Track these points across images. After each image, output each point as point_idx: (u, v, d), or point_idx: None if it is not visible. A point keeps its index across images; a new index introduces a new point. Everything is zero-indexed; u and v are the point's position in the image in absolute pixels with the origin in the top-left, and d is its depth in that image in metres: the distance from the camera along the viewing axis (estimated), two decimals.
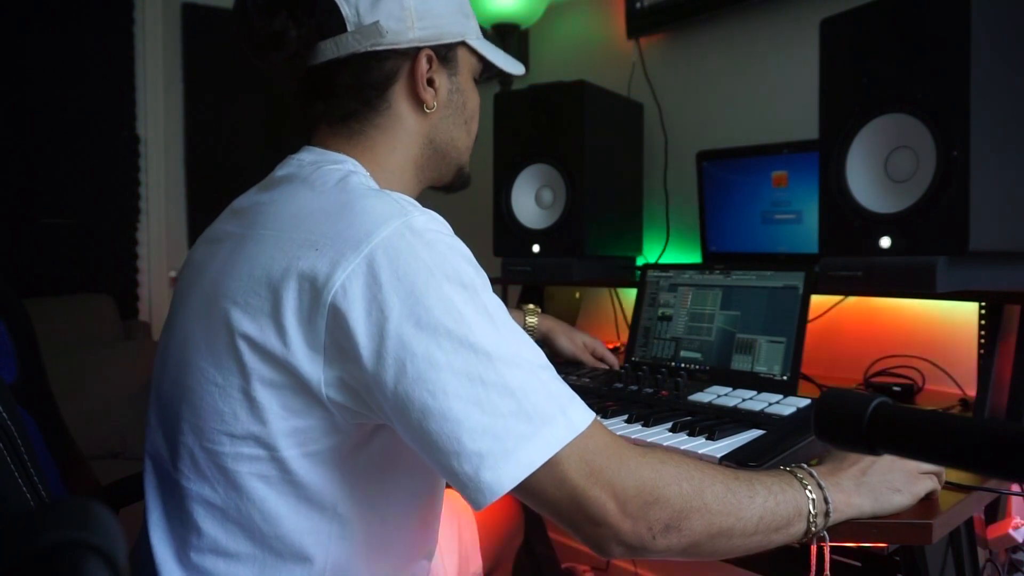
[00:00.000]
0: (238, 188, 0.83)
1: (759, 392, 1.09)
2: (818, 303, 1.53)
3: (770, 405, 1.01)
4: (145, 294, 2.59)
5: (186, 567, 0.69)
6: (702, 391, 1.12)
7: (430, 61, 0.81)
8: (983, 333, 1.09)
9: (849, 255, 1.06)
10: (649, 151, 1.86)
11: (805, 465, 0.75)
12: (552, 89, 1.60)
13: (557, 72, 2.05)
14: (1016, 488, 0.91)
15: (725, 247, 1.58)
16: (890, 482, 0.74)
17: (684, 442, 0.91)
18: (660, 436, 0.95)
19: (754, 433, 0.94)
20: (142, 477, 0.77)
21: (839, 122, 1.07)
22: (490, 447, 0.59)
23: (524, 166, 1.63)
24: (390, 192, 0.69)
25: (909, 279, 1.00)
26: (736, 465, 0.82)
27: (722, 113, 1.78)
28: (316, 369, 0.63)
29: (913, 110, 0.98)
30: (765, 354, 1.14)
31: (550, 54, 2.21)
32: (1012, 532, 1.00)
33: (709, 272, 1.27)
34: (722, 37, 1.78)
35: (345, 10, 0.75)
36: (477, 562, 1.07)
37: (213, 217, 0.82)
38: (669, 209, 1.86)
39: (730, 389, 1.12)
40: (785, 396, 1.06)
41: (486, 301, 0.64)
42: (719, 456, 0.85)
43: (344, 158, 0.79)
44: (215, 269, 0.71)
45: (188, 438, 0.70)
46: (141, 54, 2.54)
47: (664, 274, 1.35)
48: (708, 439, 0.91)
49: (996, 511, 1.03)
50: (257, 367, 0.65)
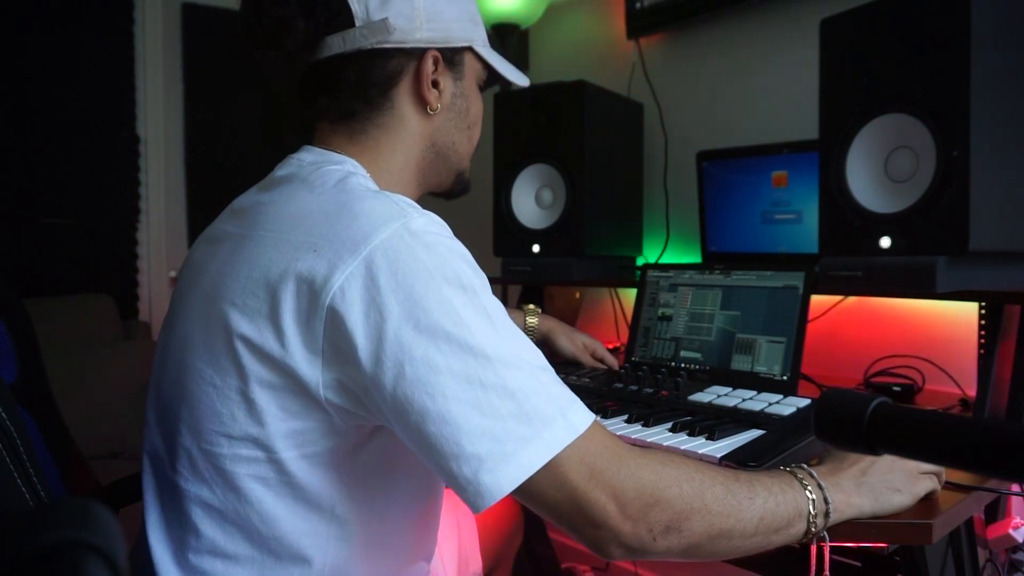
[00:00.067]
0: (238, 188, 0.83)
1: (759, 392, 1.09)
2: (818, 303, 1.53)
3: (770, 405, 1.01)
4: (145, 294, 2.59)
5: (184, 568, 0.69)
6: (702, 391, 1.12)
7: (436, 63, 0.80)
8: (983, 333, 1.09)
9: (849, 255, 1.06)
10: (649, 151, 1.86)
11: (805, 465, 0.74)
12: (552, 89, 1.60)
13: (557, 72, 2.06)
14: (1016, 488, 0.91)
15: (725, 247, 1.58)
16: (890, 482, 0.74)
17: (684, 442, 0.91)
18: (660, 436, 0.95)
19: (754, 433, 0.94)
20: (141, 476, 0.77)
21: (839, 122, 1.07)
22: (489, 450, 0.59)
23: (524, 166, 1.63)
24: (389, 193, 0.68)
25: (909, 279, 1.00)
26: (736, 465, 0.82)
27: (722, 113, 1.78)
28: (314, 371, 0.63)
29: (913, 110, 0.98)
30: (765, 354, 1.14)
31: (550, 54, 2.21)
32: (1012, 532, 1.00)
33: (709, 272, 1.27)
34: (722, 37, 1.78)
35: (355, 5, 0.75)
36: (477, 562, 1.07)
37: (213, 217, 0.82)
38: (669, 209, 1.86)
39: (730, 389, 1.12)
40: (785, 396, 1.06)
41: (485, 303, 0.64)
42: (719, 456, 0.85)
43: (344, 159, 0.78)
44: (214, 269, 0.71)
45: (186, 439, 0.70)
46: (141, 54, 2.54)
47: (664, 274, 1.35)
48: (708, 439, 0.91)
49: (996, 511, 1.03)
50: (255, 369, 0.64)
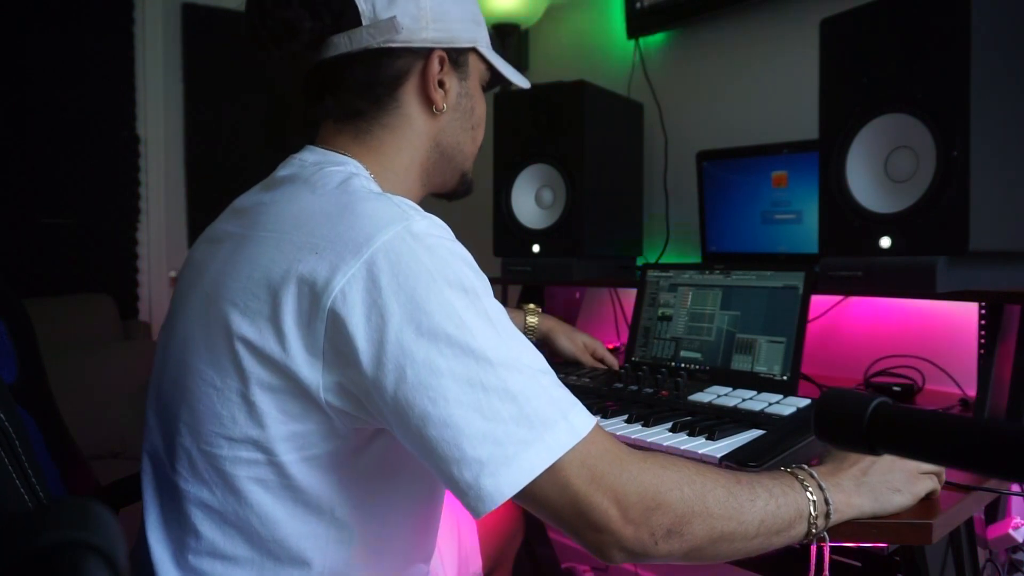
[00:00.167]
0: (238, 188, 0.83)
1: (759, 392, 1.09)
2: (818, 303, 1.53)
3: (770, 405, 1.01)
4: (145, 294, 2.59)
5: (184, 569, 0.69)
6: (702, 391, 1.12)
7: (442, 63, 0.80)
8: (983, 333, 1.09)
9: (849, 255, 1.06)
10: (649, 151, 1.86)
11: (806, 466, 0.74)
12: (552, 89, 1.60)
13: (557, 72, 2.05)
14: (1016, 488, 0.91)
15: (725, 247, 1.58)
16: (890, 482, 0.74)
17: (684, 442, 0.91)
18: (660, 436, 0.95)
19: (754, 433, 0.94)
20: (140, 476, 0.77)
21: (839, 122, 1.07)
22: (491, 453, 0.59)
23: (524, 166, 1.63)
24: (391, 196, 0.68)
25: (909, 279, 0.99)
26: (736, 465, 0.82)
27: (722, 113, 1.78)
28: (315, 374, 0.63)
29: (913, 110, 0.98)
30: (765, 354, 1.14)
31: (550, 54, 2.21)
32: (1012, 532, 1.00)
33: (709, 272, 1.27)
34: (722, 37, 1.78)
35: (362, 5, 0.75)
36: (477, 563, 1.07)
37: (213, 217, 0.82)
38: (669, 209, 1.86)
39: (730, 389, 1.12)
40: (785, 396, 1.06)
41: (487, 306, 0.64)
42: (719, 456, 0.85)
43: (347, 159, 0.78)
44: (215, 270, 0.71)
45: (186, 440, 0.69)
46: (141, 54, 2.54)
47: (664, 274, 1.35)
48: (708, 439, 0.91)
49: (996, 511, 1.03)
50: (256, 371, 0.64)
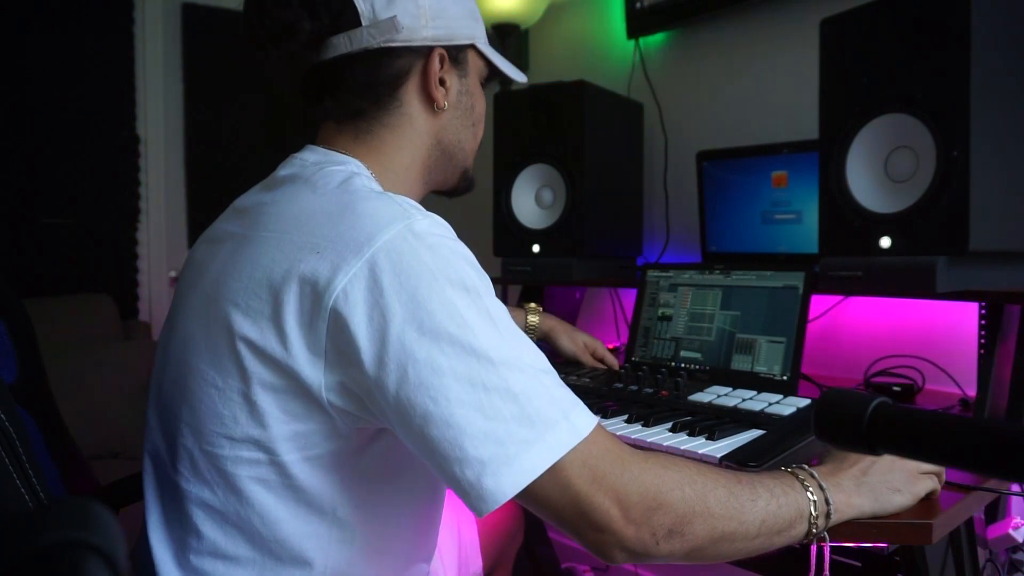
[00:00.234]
0: (238, 188, 0.82)
1: (759, 392, 1.09)
2: (818, 303, 1.53)
3: (770, 405, 1.01)
4: (145, 294, 2.58)
5: (185, 569, 0.69)
6: (702, 391, 1.12)
7: (442, 61, 0.80)
8: (983, 333, 1.09)
9: (849, 255, 1.06)
10: (649, 151, 1.86)
11: (806, 466, 0.74)
12: (552, 89, 1.60)
13: (557, 72, 2.05)
14: (1016, 488, 0.91)
15: (725, 247, 1.58)
16: (890, 482, 0.74)
17: (684, 442, 0.91)
18: (660, 436, 0.95)
19: (754, 433, 0.94)
20: (142, 476, 0.77)
21: (839, 122, 1.07)
22: (493, 453, 0.59)
23: (524, 166, 1.63)
24: (393, 195, 0.68)
25: (909, 279, 0.99)
26: (736, 465, 0.82)
27: (722, 113, 1.78)
28: (317, 373, 0.63)
29: (913, 110, 0.98)
30: (765, 354, 1.14)
31: (550, 54, 2.21)
32: (1012, 532, 1.00)
33: (709, 272, 1.27)
34: (722, 37, 1.78)
35: (361, 5, 0.75)
36: (477, 562, 1.07)
37: (213, 217, 0.82)
38: (669, 209, 1.86)
39: (730, 389, 1.12)
40: (785, 396, 1.06)
41: (489, 305, 0.64)
42: (719, 456, 0.85)
43: (348, 159, 0.78)
44: (216, 270, 0.71)
45: (187, 440, 0.69)
46: (141, 54, 2.54)
47: (664, 274, 1.35)
48: (708, 439, 0.91)
49: (996, 511, 1.03)
50: (257, 370, 0.64)
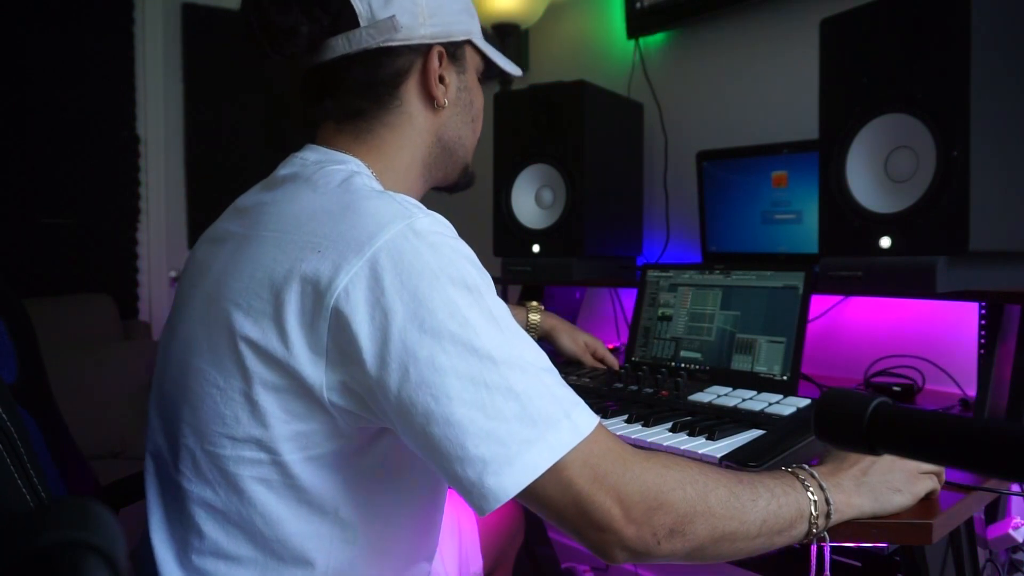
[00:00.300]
0: (238, 188, 0.82)
1: (759, 392, 1.09)
2: (818, 303, 1.53)
3: (770, 405, 1.01)
4: (145, 294, 2.59)
5: (187, 569, 0.69)
6: (702, 391, 1.12)
7: (441, 58, 0.81)
8: (983, 333, 1.09)
9: (849, 255, 1.06)
10: (649, 151, 1.86)
11: (806, 466, 0.74)
12: (552, 89, 1.60)
13: (557, 72, 2.05)
14: (1016, 488, 0.91)
15: (725, 247, 1.58)
16: (890, 482, 0.74)
17: (684, 442, 0.91)
18: (660, 436, 0.95)
19: (754, 433, 0.94)
20: (143, 476, 0.77)
21: (839, 122, 1.07)
22: (494, 452, 0.59)
23: (524, 166, 1.63)
24: (393, 194, 0.68)
25: (909, 279, 0.99)
26: (736, 465, 0.82)
27: (722, 113, 1.78)
28: (318, 373, 0.63)
29: (913, 110, 0.98)
30: (765, 354, 1.14)
31: (550, 54, 2.21)
32: (1012, 532, 1.00)
33: (709, 272, 1.27)
34: (722, 37, 1.78)
35: (358, 6, 0.75)
36: (477, 562, 1.07)
37: (213, 217, 0.82)
38: (669, 209, 1.86)
39: (730, 389, 1.12)
40: (785, 396, 1.06)
41: (490, 304, 0.64)
42: (719, 456, 0.85)
43: (348, 158, 0.78)
44: (217, 270, 0.71)
45: (189, 440, 0.70)
46: (141, 54, 2.54)
47: (664, 274, 1.35)
48: (708, 439, 0.91)
49: (996, 511, 1.03)
50: (259, 370, 0.64)
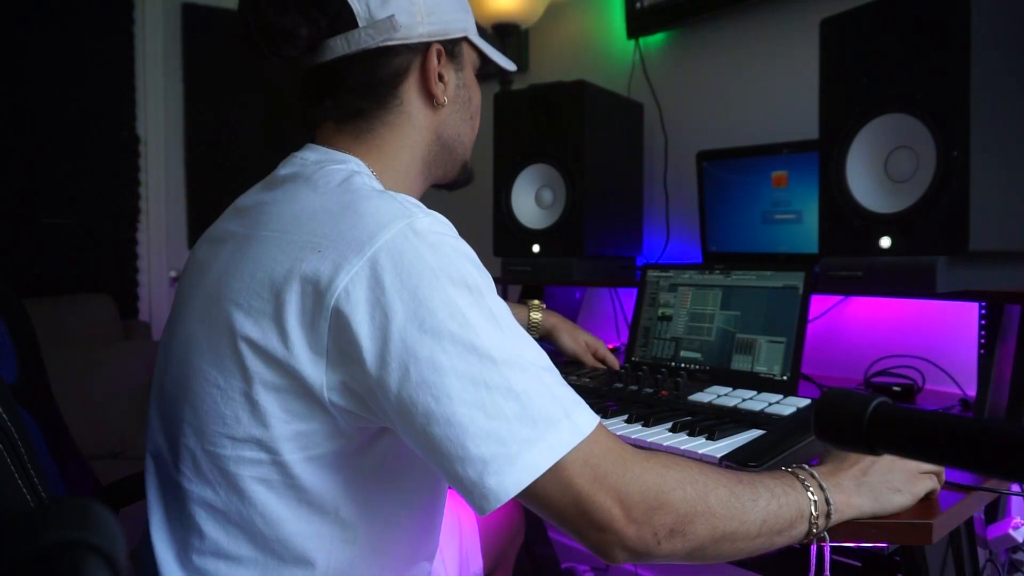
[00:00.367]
0: (238, 188, 0.82)
1: (759, 392, 1.09)
2: (818, 303, 1.53)
3: (770, 405, 1.01)
4: (145, 294, 2.59)
5: (188, 569, 0.69)
6: (702, 391, 1.12)
7: (439, 56, 0.81)
8: (983, 333, 1.09)
9: (849, 255, 1.06)
10: (649, 151, 1.86)
11: (806, 466, 0.74)
12: (552, 89, 1.60)
13: (557, 72, 2.05)
14: (1016, 488, 0.91)
15: (725, 247, 1.58)
16: (890, 482, 0.74)
17: (684, 442, 0.91)
18: (660, 436, 0.95)
19: (754, 433, 0.94)
20: (143, 476, 0.77)
21: (839, 122, 1.07)
22: (495, 452, 0.59)
23: (524, 166, 1.63)
24: (394, 193, 0.68)
25: (909, 279, 0.99)
26: (736, 465, 0.82)
27: (722, 113, 1.78)
28: (318, 373, 0.63)
29: (913, 110, 0.98)
30: (765, 354, 1.14)
31: (550, 54, 2.21)
32: (1012, 532, 1.00)
33: (709, 272, 1.27)
34: (722, 37, 1.78)
35: (356, 6, 0.75)
36: (478, 562, 1.07)
37: (213, 217, 0.82)
38: (669, 209, 1.86)
39: (730, 389, 1.12)
40: (785, 396, 1.06)
41: (491, 304, 0.64)
42: (719, 456, 0.85)
43: (348, 157, 0.78)
44: (218, 269, 0.71)
45: (190, 439, 0.70)
46: (141, 54, 2.54)
47: (664, 274, 1.35)
48: (708, 439, 0.91)
49: (996, 511, 1.03)
50: (259, 370, 0.64)
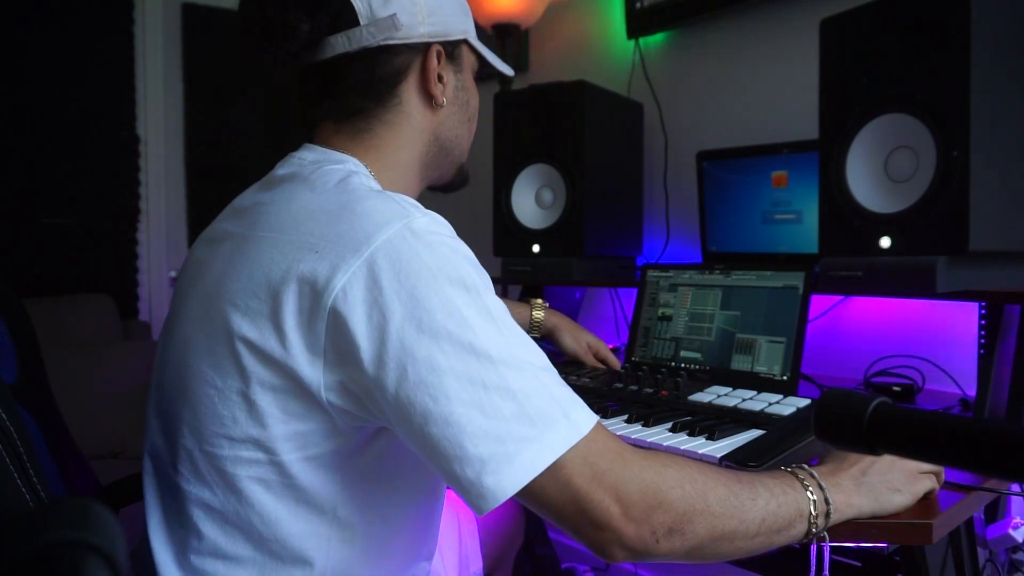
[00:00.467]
0: (238, 188, 0.82)
1: (759, 392, 1.09)
2: (818, 303, 1.53)
3: (770, 405, 1.01)
4: (145, 294, 2.59)
5: (186, 569, 0.69)
6: (702, 391, 1.12)
7: (439, 57, 0.81)
8: (983, 333, 1.09)
9: (849, 255, 1.06)
10: (649, 151, 1.86)
11: (806, 466, 0.74)
12: (552, 89, 1.60)
13: (557, 72, 2.05)
14: (1016, 488, 0.91)
15: (725, 247, 1.58)
16: (890, 482, 0.74)
17: (684, 442, 0.91)
18: (660, 436, 0.95)
19: (754, 433, 0.94)
20: (142, 476, 0.77)
21: (839, 122, 1.07)
22: (492, 451, 0.59)
23: (524, 166, 1.63)
24: (391, 193, 0.68)
25: (909, 279, 0.99)
26: (736, 465, 0.82)
27: (722, 113, 1.78)
28: (316, 373, 0.63)
29: (913, 110, 0.98)
30: (765, 354, 1.14)
31: (550, 54, 2.21)
32: (1012, 532, 1.00)
33: (709, 272, 1.27)
34: (722, 37, 1.78)
35: (358, 4, 0.75)
36: (477, 562, 1.07)
37: (213, 217, 0.82)
38: (669, 209, 1.86)
39: (730, 389, 1.12)
40: (785, 396, 1.06)
41: (488, 303, 0.64)
42: (719, 456, 0.85)
43: (346, 157, 0.78)
44: (216, 270, 0.71)
45: (187, 440, 0.70)
46: (141, 54, 2.54)
47: (664, 274, 1.35)
48: (708, 439, 0.91)
49: (996, 511, 1.03)
50: (256, 370, 0.64)
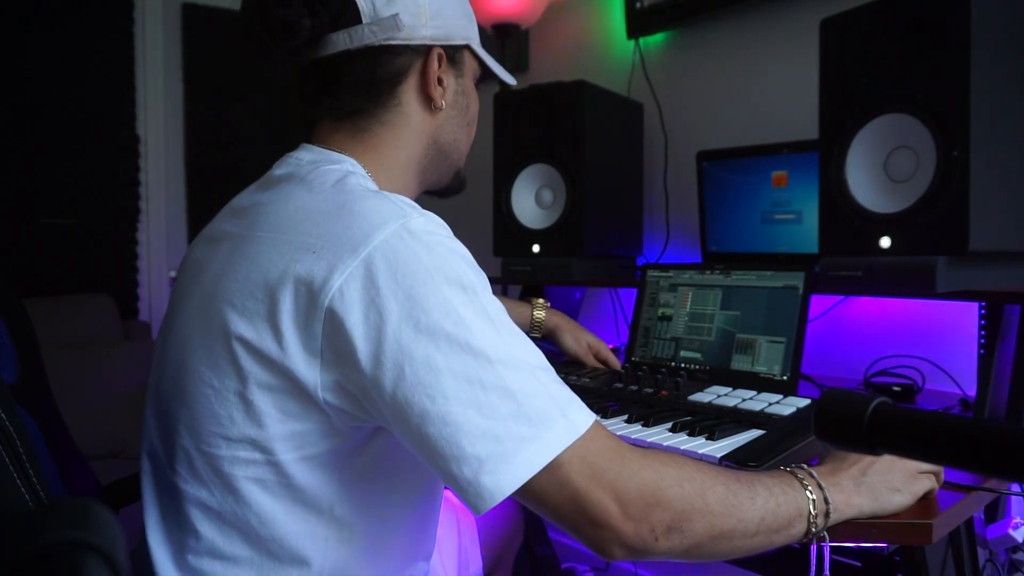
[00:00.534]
0: (238, 188, 0.82)
1: (759, 392, 1.09)
2: (818, 303, 1.53)
3: (770, 405, 1.01)
4: (145, 294, 2.59)
5: (184, 569, 0.69)
6: (702, 391, 1.12)
7: (440, 60, 0.81)
8: (983, 333, 1.09)
9: (849, 255, 1.06)
10: (649, 151, 1.86)
11: (805, 466, 0.74)
12: (552, 89, 1.60)
13: (557, 72, 2.05)
14: (1016, 488, 0.91)
15: (725, 247, 1.58)
16: (890, 482, 0.74)
17: (684, 442, 0.91)
18: (660, 436, 0.95)
19: (754, 433, 0.94)
20: (140, 476, 0.77)
21: (839, 122, 1.07)
22: (490, 451, 0.59)
23: (524, 166, 1.63)
24: (388, 194, 0.68)
25: (909, 279, 0.99)
26: (736, 465, 0.82)
27: (722, 113, 1.78)
28: (313, 373, 0.63)
29: (913, 110, 0.98)
30: (765, 354, 1.14)
31: (550, 54, 2.21)
32: (1012, 532, 1.00)
33: (709, 272, 1.27)
34: (722, 37, 1.78)
35: (361, 3, 0.75)
36: (477, 562, 1.07)
37: (213, 217, 0.82)
38: (669, 209, 1.86)
39: (730, 389, 1.12)
40: (785, 396, 1.06)
41: (485, 303, 0.64)
42: (719, 456, 0.85)
43: (343, 157, 0.78)
44: (214, 270, 0.71)
45: (185, 440, 0.70)
46: (141, 54, 2.54)
47: (664, 274, 1.35)
48: (708, 439, 0.91)
49: (996, 511, 1.03)
50: (254, 371, 0.64)
